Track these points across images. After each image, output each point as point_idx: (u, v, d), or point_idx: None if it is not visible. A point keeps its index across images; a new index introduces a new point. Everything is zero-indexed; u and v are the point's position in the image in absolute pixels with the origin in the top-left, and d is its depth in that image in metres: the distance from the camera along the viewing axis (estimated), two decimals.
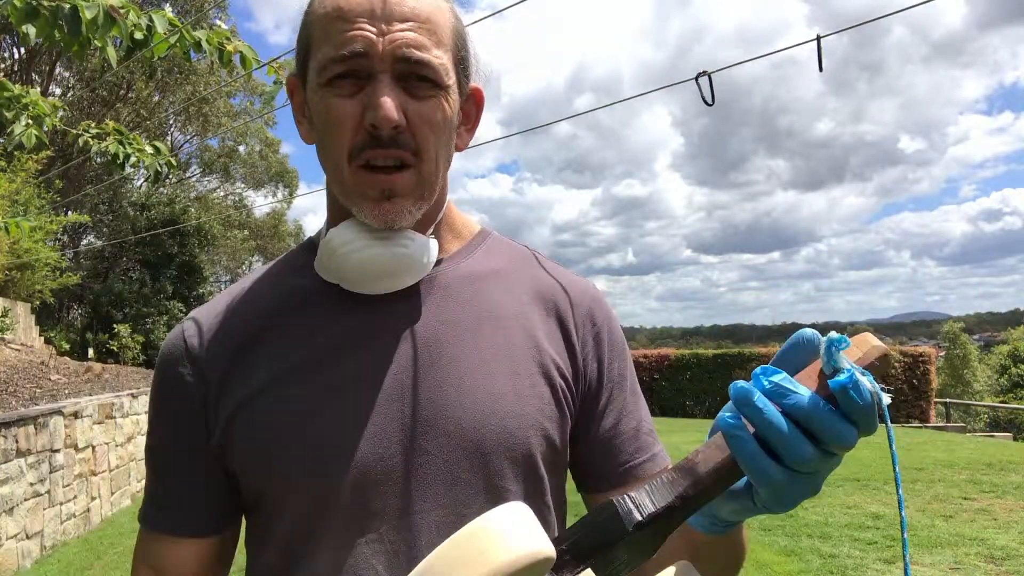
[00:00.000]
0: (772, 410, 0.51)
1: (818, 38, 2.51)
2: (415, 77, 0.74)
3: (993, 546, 5.05)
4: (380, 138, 0.72)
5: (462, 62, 0.80)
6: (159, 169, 3.67)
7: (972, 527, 5.55)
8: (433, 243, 0.80)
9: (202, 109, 22.32)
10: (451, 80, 0.76)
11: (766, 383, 0.52)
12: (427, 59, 0.73)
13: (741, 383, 0.52)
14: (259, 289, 0.84)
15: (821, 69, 2.56)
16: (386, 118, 0.71)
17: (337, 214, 0.81)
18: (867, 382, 0.50)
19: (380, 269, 0.77)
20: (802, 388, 0.51)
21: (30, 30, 2.29)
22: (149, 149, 3.69)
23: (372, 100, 0.72)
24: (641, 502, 0.55)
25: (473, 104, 0.84)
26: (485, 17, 4.22)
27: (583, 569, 0.54)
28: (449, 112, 0.76)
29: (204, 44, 3.00)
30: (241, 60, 3.16)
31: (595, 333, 0.85)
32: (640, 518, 0.54)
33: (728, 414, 0.54)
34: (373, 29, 0.72)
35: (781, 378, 0.52)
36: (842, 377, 0.50)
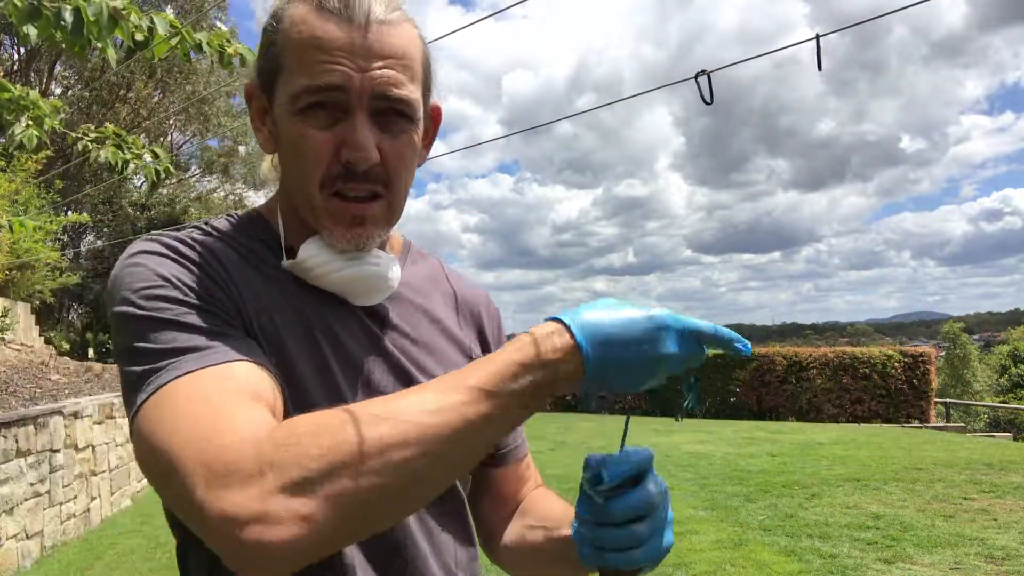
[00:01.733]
0: (591, 542, 0.67)
1: (817, 37, 2.51)
2: (392, 113, 0.76)
3: (993, 546, 5.05)
4: (355, 173, 0.75)
5: (428, 88, 0.82)
6: (154, 179, 3.67)
7: (972, 527, 5.55)
8: (395, 261, 0.85)
9: (202, 109, 22.27)
10: (421, 113, 0.79)
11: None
12: (404, 96, 0.76)
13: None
14: (222, 251, 0.78)
15: (820, 68, 2.56)
16: (365, 159, 0.74)
17: (298, 222, 0.82)
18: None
19: (357, 289, 0.81)
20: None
21: (31, 31, 2.29)
22: (148, 157, 3.69)
23: (350, 138, 0.74)
24: None
25: (432, 122, 0.87)
26: (485, 17, 4.22)
27: None
28: (417, 143, 0.81)
29: (205, 47, 3.01)
30: (241, 62, 3.16)
31: (498, 339, 0.98)
32: None
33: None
34: (351, 64, 0.73)
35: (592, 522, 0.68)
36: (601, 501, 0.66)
